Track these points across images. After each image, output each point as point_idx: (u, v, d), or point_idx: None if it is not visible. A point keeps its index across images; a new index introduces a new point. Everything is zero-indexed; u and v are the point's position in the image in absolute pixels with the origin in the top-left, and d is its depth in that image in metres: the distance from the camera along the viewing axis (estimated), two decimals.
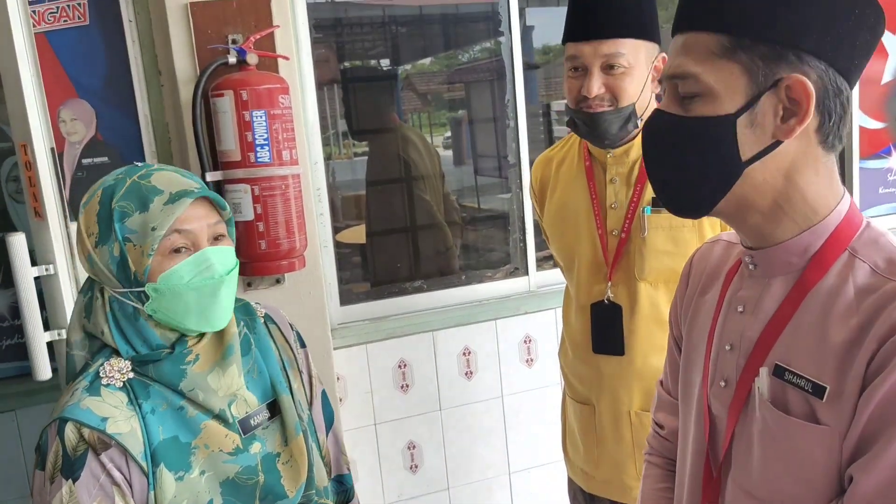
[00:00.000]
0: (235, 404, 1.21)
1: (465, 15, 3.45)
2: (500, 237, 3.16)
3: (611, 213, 1.73)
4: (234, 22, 2.15)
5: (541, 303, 2.86)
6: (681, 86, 0.90)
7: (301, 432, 1.26)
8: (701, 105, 0.89)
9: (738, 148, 0.88)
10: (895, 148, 3.31)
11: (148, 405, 1.15)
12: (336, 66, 2.98)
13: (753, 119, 0.87)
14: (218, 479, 1.17)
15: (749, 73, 0.86)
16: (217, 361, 1.19)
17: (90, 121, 2.29)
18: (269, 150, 2.06)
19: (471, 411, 2.80)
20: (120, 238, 1.13)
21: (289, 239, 2.12)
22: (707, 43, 0.88)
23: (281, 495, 1.23)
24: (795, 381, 0.89)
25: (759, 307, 0.96)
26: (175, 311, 1.15)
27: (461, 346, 2.76)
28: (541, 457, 2.90)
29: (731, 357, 0.99)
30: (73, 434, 1.10)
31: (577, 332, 1.81)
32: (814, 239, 0.92)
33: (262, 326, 1.33)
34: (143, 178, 1.16)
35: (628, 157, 1.71)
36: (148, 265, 1.13)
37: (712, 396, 1.02)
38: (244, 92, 2.03)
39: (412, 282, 2.96)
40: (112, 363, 1.16)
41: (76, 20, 2.24)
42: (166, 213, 1.13)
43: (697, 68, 0.88)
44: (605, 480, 1.82)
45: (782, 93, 0.86)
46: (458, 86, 3.52)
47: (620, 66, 1.59)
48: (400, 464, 2.74)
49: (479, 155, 3.51)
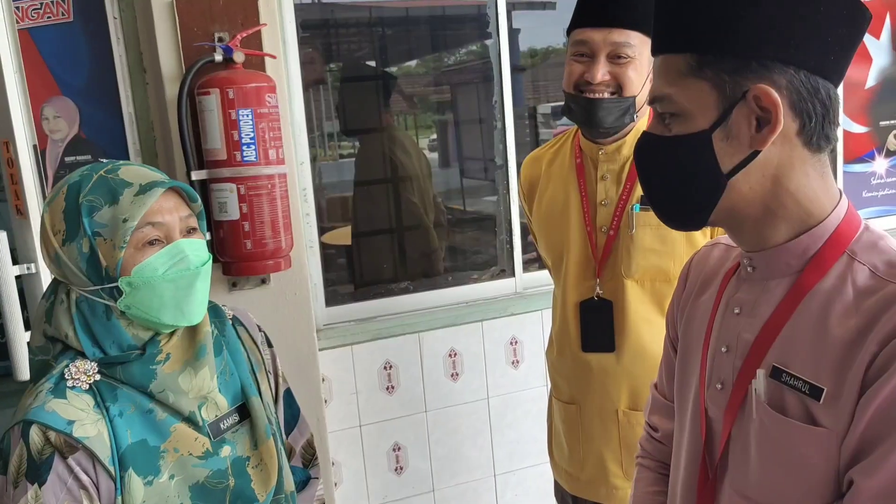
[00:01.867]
0: (206, 407, 1.19)
1: (452, 17, 3.44)
2: (486, 240, 3.16)
3: (601, 209, 1.73)
4: (220, 20, 2.14)
5: (527, 304, 2.85)
6: (658, 107, 0.93)
7: (271, 435, 1.25)
8: (679, 124, 0.91)
9: (717, 161, 0.89)
10: (878, 152, 3.33)
11: (116, 408, 1.12)
12: (322, 68, 2.97)
13: (728, 132, 0.89)
14: (187, 483, 1.15)
15: (718, 88, 0.88)
16: (188, 361, 1.16)
17: (73, 119, 2.26)
18: (255, 149, 2.04)
19: (456, 413, 2.80)
20: (89, 233, 1.10)
21: (274, 239, 2.11)
22: (676, 64, 0.90)
23: (251, 499, 1.21)
24: (793, 382, 0.89)
25: (756, 309, 0.96)
26: (150, 304, 1.12)
27: (447, 348, 2.75)
28: (527, 459, 2.89)
29: (727, 359, 0.99)
30: (39, 437, 1.07)
31: (566, 330, 1.80)
32: (812, 241, 0.92)
33: (231, 329, 1.31)
34: (110, 172, 1.14)
35: (620, 155, 1.71)
36: (120, 258, 1.10)
37: (708, 399, 1.02)
38: (231, 90, 2.01)
39: (398, 283, 2.95)
40: (78, 365, 1.12)
41: (60, 17, 2.22)
42: (137, 205, 1.10)
43: (670, 89, 0.91)
44: (590, 481, 1.81)
45: (752, 103, 0.87)
46: (444, 88, 3.51)
47: (627, 56, 1.60)
48: (385, 466, 2.73)
49: (465, 157, 3.50)
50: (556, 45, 3.47)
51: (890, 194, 3.38)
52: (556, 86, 3.38)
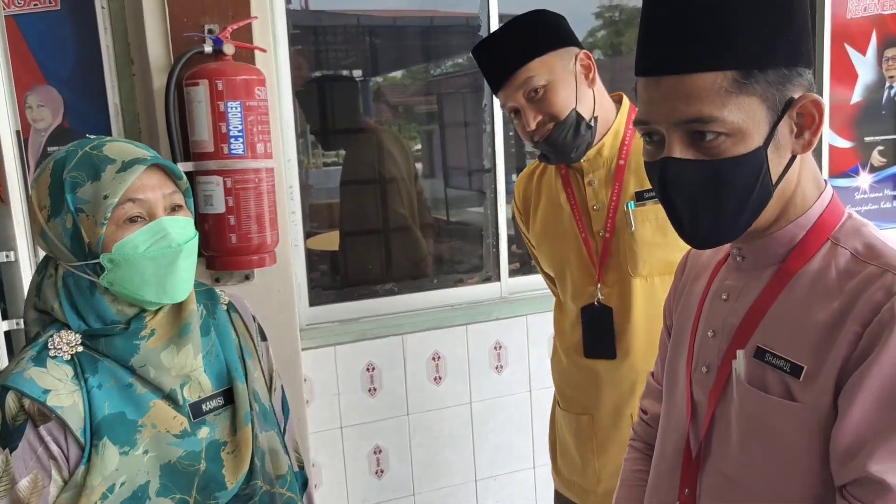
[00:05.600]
0: (189, 386, 1.18)
1: (440, 28, 3.45)
2: (470, 250, 3.14)
3: (594, 214, 1.73)
4: (211, 11, 2.12)
5: (512, 309, 2.84)
6: (701, 128, 0.89)
7: (249, 423, 1.23)
8: (731, 145, 0.89)
9: (770, 174, 0.91)
10: (863, 167, 3.36)
11: (95, 380, 1.12)
12: (308, 74, 2.96)
13: (777, 143, 0.90)
14: (160, 461, 1.14)
15: (766, 102, 0.88)
16: (172, 338, 1.16)
17: (58, 108, 2.23)
18: (242, 141, 2.02)
19: (439, 417, 2.77)
20: (72, 209, 1.10)
21: (260, 234, 2.08)
22: (717, 83, 0.87)
23: (220, 486, 1.19)
24: (774, 362, 0.92)
25: (742, 295, 1.00)
26: (131, 282, 1.11)
27: (431, 351, 2.73)
28: (508, 464, 2.87)
29: (713, 343, 1.02)
30: (14, 403, 1.08)
31: (569, 339, 1.78)
32: (798, 230, 0.95)
33: (223, 312, 1.30)
34: (95, 148, 1.13)
35: (602, 157, 1.71)
36: (102, 235, 1.10)
37: (694, 382, 1.05)
38: (220, 82, 1.99)
39: (383, 284, 2.93)
40: (62, 335, 1.13)
41: (47, 4, 2.19)
42: (118, 182, 1.09)
43: (720, 111, 0.87)
44: (607, 493, 1.76)
45: (793, 112, 0.90)
46: (429, 99, 3.52)
47: (539, 88, 1.61)
48: (365, 468, 2.70)
49: (450, 167, 3.50)
50: None
51: (873, 209, 3.41)
52: None
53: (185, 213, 1.18)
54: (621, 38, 3.51)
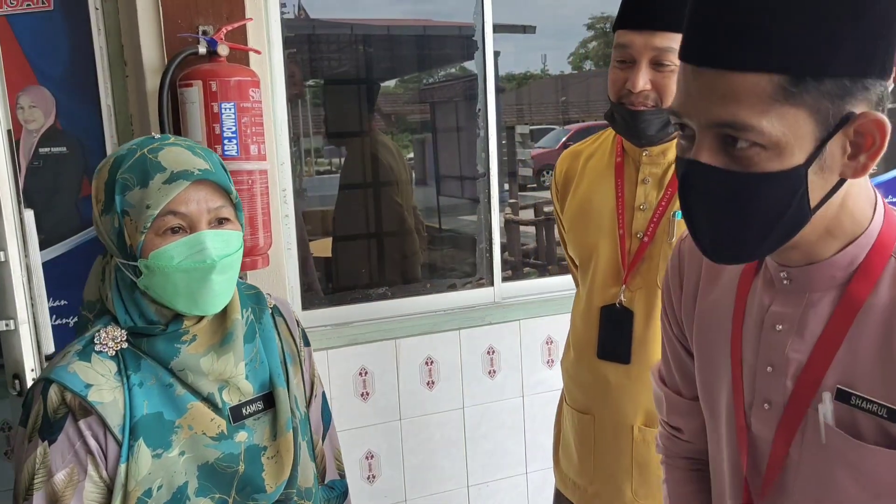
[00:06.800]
0: (227, 390, 1.18)
1: (434, 38, 3.46)
2: (462, 257, 3.15)
3: (637, 214, 1.63)
4: (205, 12, 2.11)
5: (505, 314, 2.83)
6: (734, 134, 0.77)
7: (291, 429, 1.23)
8: (765, 159, 0.77)
9: (808, 198, 0.79)
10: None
11: (137, 377, 1.13)
12: (301, 82, 2.96)
13: (822, 164, 0.78)
14: (197, 461, 1.15)
15: (815, 116, 0.75)
16: (213, 346, 1.16)
17: (50, 109, 2.22)
18: (236, 143, 2.01)
19: (431, 422, 2.76)
20: (119, 210, 1.12)
21: (252, 236, 2.07)
22: (760, 86, 0.75)
23: (259, 489, 1.20)
24: (865, 406, 0.83)
25: (802, 326, 0.89)
26: (164, 290, 1.13)
27: (424, 356, 2.72)
28: (500, 470, 2.86)
29: (773, 379, 0.92)
30: (56, 396, 1.10)
31: (584, 335, 1.72)
32: (858, 251, 0.85)
33: (269, 317, 1.30)
34: (153, 152, 1.13)
35: (665, 158, 1.62)
36: (141, 241, 1.11)
37: (754, 418, 0.95)
38: (214, 83, 1.98)
39: (376, 288, 2.92)
40: (108, 331, 1.15)
41: (40, 5, 2.18)
42: (162, 193, 1.10)
43: (759, 120, 0.75)
44: (596, 495, 1.74)
45: (850, 130, 0.77)
46: (423, 108, 3.53)
47: (671, 64, 1.48)
48: (357, 474, 2.68)
49: (443, 176, 3.51)
50: (535, 70, 3.51)
51: None
52: (533, 109, 3.43)
53: (232, 227, 1.17)
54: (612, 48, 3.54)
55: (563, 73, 12.21)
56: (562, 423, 1.89)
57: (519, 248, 5.59)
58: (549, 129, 12.77)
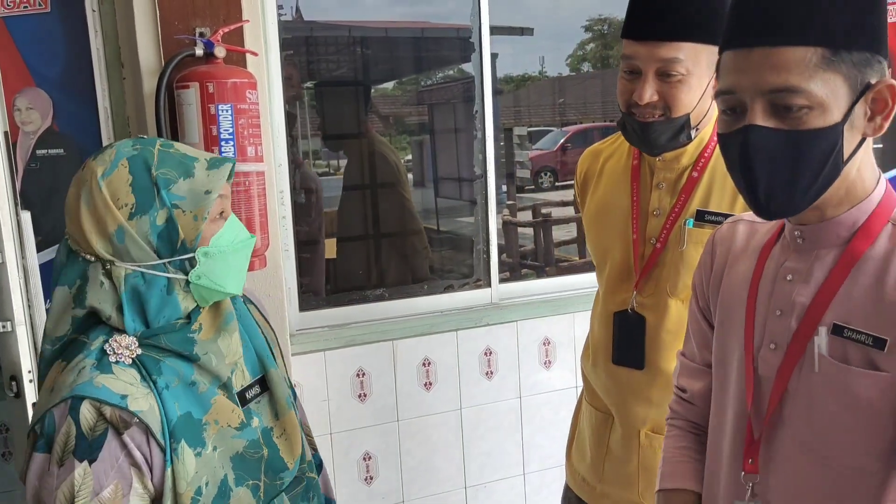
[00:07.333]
0: (235, 375, 1.21)
1: (431, 40, 3.46)
2: (460, 259, 3.15)
3: (651, 219, 1.63)
4: (202, 14, 2.11)
5: (503, 315, 2.84)
6: (786, 99, 0.94)
7: (292, 406, 1.28)
8: (813, 118, 0.94)
9: (843, 151, 0.97)
10: None
11: (162, 381, 1.12)
12: (299, 84, 2.96)
13: (852, 123, 0.96)
14: (228, 454, 1.17)
15: (848, 81, 0.95)
16: (219, 328, 1.19)
17: (47, 111, 2.22)
18: (233, 144, 2.02)
19: (429, 423, 2.76)
20: (168, 204, 1.12)
21: None
22: (805, 56, 0.93)
23: (282, 468, 1.24)
24: (856, 336, 0.99)
25: (809, 275, 1.05)
26: (220, 273, 1.16)
27: (421, 357, 2.72)
28: (498, 472, 2.86)
29: (781, 321, 1.07)
30: (91, 413, 1.05)
31: (600, 339, 1.72)
32: (860, 214, 1.02)
33: (242, 304, 1.34)
34: (166, 147, 1.16)
35: (678, 164, 1.61)
36: (201, 230, 1.13)
37: (760, 360, 1.09)
38: (211, 84, 1.98)
39: (374, 290, 2.92)
40: (118, 340, 1.11)
41: (37, 7, 2.18)
42: (213, 178, 1.14)
43: (807, 84, 0.93)
44: (604, 495, 1.75)
45: (870, 96, 0.96)
46: (421, 110, 3.54)
47: (677, 74, 1.47)
48: (354, 475, 2.68)
49: (441, 178, 3.51)
50: (532, 72, 3.52)
51: None
52: (531, 111, 3.42)
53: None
54: (610, 50, 3.54)
55: (560, 75, 12.23)
56: (579, 419, 1.89)
57: (517, 250, 5.61)
58: (547, 131, 12.78)
